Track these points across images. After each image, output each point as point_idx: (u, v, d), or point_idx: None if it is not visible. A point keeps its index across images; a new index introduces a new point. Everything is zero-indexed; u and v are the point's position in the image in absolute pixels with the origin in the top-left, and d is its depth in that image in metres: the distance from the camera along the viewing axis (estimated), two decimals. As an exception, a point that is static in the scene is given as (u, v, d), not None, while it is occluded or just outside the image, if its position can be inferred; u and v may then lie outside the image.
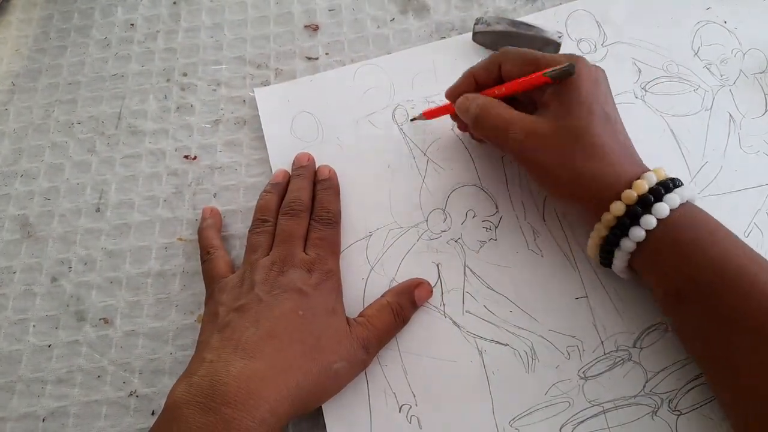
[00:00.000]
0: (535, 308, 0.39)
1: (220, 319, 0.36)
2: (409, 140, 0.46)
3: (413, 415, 0.37)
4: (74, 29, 0.55)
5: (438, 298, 0.40)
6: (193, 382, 0.32)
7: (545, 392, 0.36)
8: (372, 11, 0.52)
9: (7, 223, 0.46)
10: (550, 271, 0.40)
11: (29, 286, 0.43)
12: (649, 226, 0.33)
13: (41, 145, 0.49)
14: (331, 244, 0.40)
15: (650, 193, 0.33)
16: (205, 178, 0.47)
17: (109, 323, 0.42)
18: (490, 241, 0.41)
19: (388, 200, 0.43)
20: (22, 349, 0.41)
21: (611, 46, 0.48)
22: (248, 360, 0.33)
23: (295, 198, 0.42)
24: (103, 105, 0.50)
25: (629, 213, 0.33)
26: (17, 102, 0.51)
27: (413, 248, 0.42)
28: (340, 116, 0.47)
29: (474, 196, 0.43)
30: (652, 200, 0.33)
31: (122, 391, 0.40)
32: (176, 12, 0.55)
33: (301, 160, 0.45)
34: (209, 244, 0.42)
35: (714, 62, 0.46)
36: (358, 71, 0.49)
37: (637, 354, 0.37)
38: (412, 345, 0.39)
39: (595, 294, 0.39)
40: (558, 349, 0.38)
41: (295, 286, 0.37)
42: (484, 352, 0.38)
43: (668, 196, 0.33)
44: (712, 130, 0.43)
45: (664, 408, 0.35)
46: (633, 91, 0.45)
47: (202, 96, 0.50)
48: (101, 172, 0.47)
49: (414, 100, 0.47)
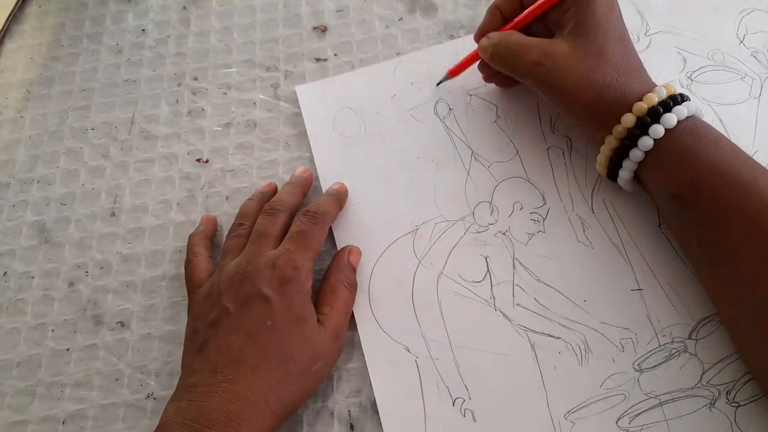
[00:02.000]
0: (587, 300, 0.39)
1: (198, 335, 0.37)
2: (453, 133, 0.46)
3: (467, 409, 0.37)
4: (86, 36, 0.55)
5: (488, 291, 0.40)
6: (181, 406, 0.33)
7: (600, 385, 0.36)
8: (380, 11, 0.52)
9: (25, 229, 0.47)
10: (601, 262, 0.40)
11: (47, 291, 0.44)
12: (657, 135, 0.35)
13: (56, 152, 0.50)
14: (307, 240, 0.39)
15: (659, 105, 0.35)
16: (218, 181, 0.47)
17: (125, 327, 0.42)
18: (538, 233, 0.41)
19: (433, 194, 0.44)
20: (41, 353, 0.42)
21: (654, 35, 0.47)
22: (228, 384, 0.33)
23: (277, 199, 0.42)
24: (116, 110, 0.51)
25: (639, 124, 0.35)
26: (32, 109, 0.52)
27: (460, 241, 0.41)
28: (382, 111, 0.47)
29: (520, 188, 0.43)
30: (661, 112, 0.35)
31: (139, 393, 0.40)
32: (186, 17, 0.55)
33: (298, 172, 0.45)
34: (191, 250, 0.42)
35: (761, 50, 0.45)
36: (399, 66, 0.49)
37: (692, 346, 0.37)
38: (463, 339, 0.39)
39: (649, 286, 0.38)
40: (611, 342, 0.37)
41: (258, 291, 0.36)
42: (536, 345, 0.38)
43: (676, 108, 0.35)
44: (762, 118, 0.43)
45: (722, 399, 0.35)
46: (679, 81, 0.45)
47: (213, 99, 0.50)
48: (115, 176, 0.48)
49: (454, 93, 0.47)
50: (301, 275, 0.37)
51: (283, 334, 0.35)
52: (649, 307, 0.38)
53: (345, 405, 0.38)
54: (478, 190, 0.43)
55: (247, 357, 0.34)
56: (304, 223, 0.39)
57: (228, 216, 0.45)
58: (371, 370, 0.38)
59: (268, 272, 0.37)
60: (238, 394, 0.33)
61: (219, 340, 0.35)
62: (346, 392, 0.38)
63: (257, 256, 0.38)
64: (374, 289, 0.41)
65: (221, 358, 0.35)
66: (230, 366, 0.34)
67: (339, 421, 0.38)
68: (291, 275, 0.37)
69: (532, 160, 0.44)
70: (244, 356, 0.34)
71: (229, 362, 0.34)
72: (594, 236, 0.40)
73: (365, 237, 0.43)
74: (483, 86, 0.47)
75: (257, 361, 0.34)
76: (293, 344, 0.35)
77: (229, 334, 0.35)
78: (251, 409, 0.33)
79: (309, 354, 0.36)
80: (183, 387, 0.35)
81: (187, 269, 0.42)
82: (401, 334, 0.39)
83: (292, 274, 0.37)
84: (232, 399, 0.33)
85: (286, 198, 0.42)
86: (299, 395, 0.36)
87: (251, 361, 0.34)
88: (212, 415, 0.32)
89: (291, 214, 0.41)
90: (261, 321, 0.35)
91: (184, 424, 0.32)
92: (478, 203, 0.43)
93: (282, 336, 0.35)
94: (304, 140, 0.47)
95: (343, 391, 0.39)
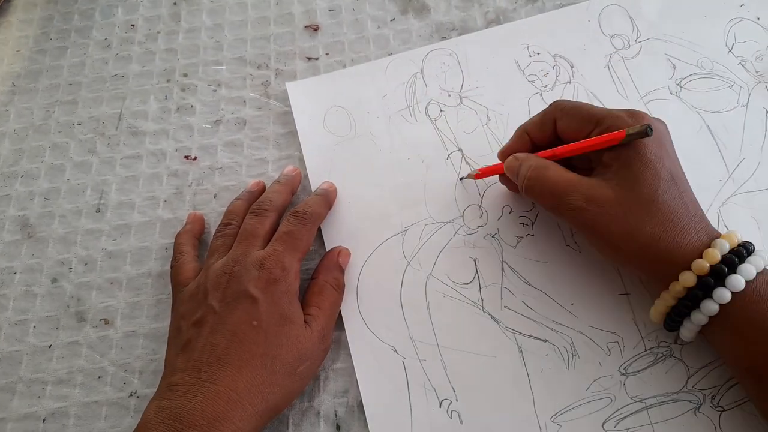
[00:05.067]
0: (574, 304, 0.39)
1: (182, 334, 0.36)
2: (443, 135, 0.46)
3: (453, 410, 0.37)
4: (75, 30, 0.55)
5: (476, 293, 0.40)
6: (163, 405, 0.33)
7: (586, 388, 0.37)
8: (372, 11, 0.52)
9: (8, 223, 0.46)
10: (588, 267, 0.40)
11: (30, 286, 0.43)
12: (723, 300, 0.31)
13: (42, 146, 0.49)
14: (295, 240, 0.38)
15: (723, 263, 0.31)
16: (206, 178, 0.47)
17: (109, 324, 0.42)
18: (527, 236, 0.41)
19: (423, 195, 0.44)
20: (22, 350, 0.41)
21: (645, 42, 0.48)
22: (211, 384, 0.33)
23: (265, 198, 0.41)
24: (104, 106, 0.50)
25: (701, 284, 0.31)
26: (18, 103, 0.51)
27: (449, 243, 0.42)
28: (373, 110, 0.47)
29: (510, 192, 0.43)
30: (726, 272, 0.31)
31: (123, 391, 0.40)
32: (176, 12, 0.55)
33: (287, 170, 0.44)
34: (178, 249, 0.42)
35: (749, 59, 0.46)
36: (390, 65, 0.49)
37: (678, 350, 0.37)
38: (450, 340, 0.39)
39: (635, 290, 0.39)
40: (598, 345, 0.38)
41: (245, 291, 0.36)
42: (524, 347, 0.38)
43: (742, 266, 0.31)
44: (749, 126, 0.43)
45: (707, 404, 0.35)
46: (668, 88, 0.45)
47: (203, 96, 0.50)
48: (102, 172, 0.48)
49: (446, 94, 0.47)
50: (288, 276, 0.37)
51: (269, 334, 0.35)
52: (636, 312, 0.38)
53: (331, 405, 0.38)
54: (468, 192, 0.43)
55: (232, 356, 0.34)
56: (292, 223, 0.39)
57: (216, 214, 0.45)
58: (358, 370, 0.38)
59: (255, 272, 0.36)
60: (221, 394, 0.33)
61: (203, 339, 0.35)
62: (333, 392, 0.38)
63: (245, 256, 0.37)
64: (362, 290, 0.41)
65: (205, 357, 0.34)
66: (214, 365, 0.34)
67: (325, 422, 0.37)
68: (279, 276, 0.36)
69: None
70: (228, 356, 0.34)
71: (213, 361, 0.34)
72: (582, 240, 0.41)
73: (354, 237, 0.42)
74: (474, 89, 0.47)
75: (242, 361, 0.34)
76: (279, 344, 0.35)
77: (214, 333, 0.35)
78: (235, 410, 0.33)
79: (295, 354, 0.35)
80: (165, 386, 0.34)
81: (173, 268, 0.41)
82: (389, 334, 0.39)
83: (279, 275, 0.37)
84: (215, 399, 0.32)
85: (274, 197, 0.41)
86: (285, 396, 0.35)
87: (236, 360, 0.34)
88: (195, 415, 0.32)
89: (279, 213, 0.41)
90: (247, 321, 0.35)
91: (165, 423, 0.32)
92: (468, 206, 0.43)
93: (268, 336, 0.35)
94: (294, 139, 0.47)
95: (329, 391, 0.38)
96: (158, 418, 0.32)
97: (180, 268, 0.40)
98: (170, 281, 0.41)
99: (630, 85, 0.46)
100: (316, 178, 0.45)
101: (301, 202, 0.41)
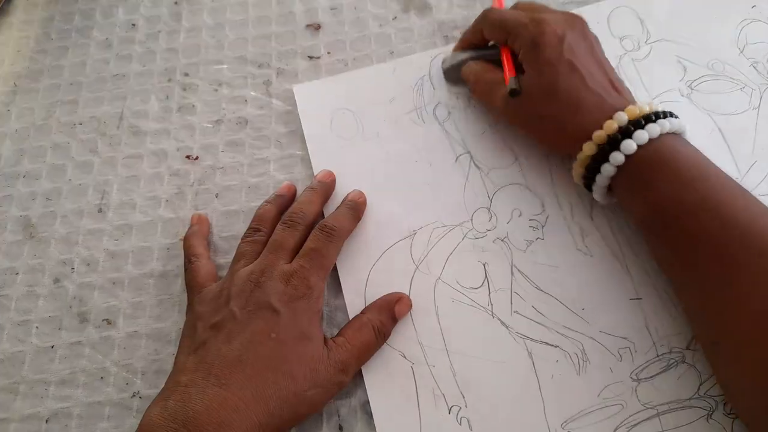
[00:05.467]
0: (585, 309, 0.38)
1: (197, 335, 0.36)
2: (451, 138, 0.45)
3: (463, 417, 0.36)
4: (75, 30, 0.55)
5: (485, 298, 0.39)
6: (168, 406, 0.32)
7: (597, 394, 0.36)
8: (374, 10, 0.52)
9: (10, 224, 0.46)
10: (600, 271, 0.39)
11: (32, 287, 0.43)
12: (617, 162, 0.36)
13: (43, 146, 0.49)
14: (322, 258, 0.38)
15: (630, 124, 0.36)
16: (207, 178, 0.46)
17: (111, 324, 0.42)
18: (537, 240, 0.41)
19: (431, 199, 0.43)
20: (25, 351, 0.41)
21: (655, 43, 0.47)
22: (220, 388, 0.33)
23: (297, 209, 0.41)
24: (105, 105, 0.50)
25: (599, 151, 0.37)
26: (19, 103, 0.51)
27: (458, 247, 0.41)
28: (380, 113, 0.47)
29: (519, 194, 0.42)
30: (632, 130, 0.36)
31: (125, 392, 0.39)
32: (177, 12, 0.54)
33: (321, 176, 0.44)
34: (192, 252, 0.41)
35: (761, 60, 0.46)
36: (398, 68, 0.49)
37: (690, 356, 0.36)
38: (460, 345, 0.38)
39: (648, 295, 0.38)
40: (609, 351, 0.37)
41: (268, 303, 0.36)
42: (534, 353, 0.37)
43: (649, 125, 0.36)
44: (761, 128, 0.43)
45: (719, 411, 0.35)
46: (679, 89, 0.45)
47: (204, 96, 0.50)
48: (103, 172, 0.47)
49: (454, 96, 0.47)
50: (313, 294, 0.37)
51: (284, 348, 0.35)
52: (648, 317, 0.38)
53: (335, 406, 0.38)
54: (477, 195, 0.43)
55: (245, 364, 0.34)
56: (320, 239, 0.39)
57: (218, 213, 0.45)
58: (366, 377, 0.38)
59: (281, 286, 0.36)
60: (228, 400, 0.32)
61: (219, 342, 0.35)
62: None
63: (272, 268, 0.37)
64: (370, 295, 0.40)
65: (218, 360, 0.34)
66: (225, 370, 0.33)
67: (328, 422, 0.37)
68: (303, 293, 0.36)
69: (531, 166, 0.43)
70: (241, 363, 0.34)
71: (224, 366, 0.34)
72: (593, 244, 0.40)
73: (362, 241, 0.42)
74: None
75: (253, 371, 0.34)
76: (293, 360, 0.35)
77: (231, 338, 0.35)
78: (240, 419, 0.32)
79: (307, 375, 0.34)
80: (172, 384, 0.34)
81: (188, 271, 0.41)
82: (397, 340, 0.39)
83: (304, 292, 0.37)
84: (222, 404, 0.32)
85: (306, 209, 0.41)
86: (289, 416, 0.34)
87: (248, 369, 0.34)
88: (201, 421, 0.31)
89: (310, 227, 0.41)
90: (266, 331, 0.35)
91: (169, 427, 0.31)
92: (477, 209, 0.42)
93: (283, 350, 0.35)
94: (296, 138, 0.47)
95: (332, 391, 0.38)
96: (161, 420, 0.32)
97: (196, 270, 0.40)
98: (185, 284, 0.41)
99: (640, 86, 0.45)
100: None
101: (331, 214, 0.41)
